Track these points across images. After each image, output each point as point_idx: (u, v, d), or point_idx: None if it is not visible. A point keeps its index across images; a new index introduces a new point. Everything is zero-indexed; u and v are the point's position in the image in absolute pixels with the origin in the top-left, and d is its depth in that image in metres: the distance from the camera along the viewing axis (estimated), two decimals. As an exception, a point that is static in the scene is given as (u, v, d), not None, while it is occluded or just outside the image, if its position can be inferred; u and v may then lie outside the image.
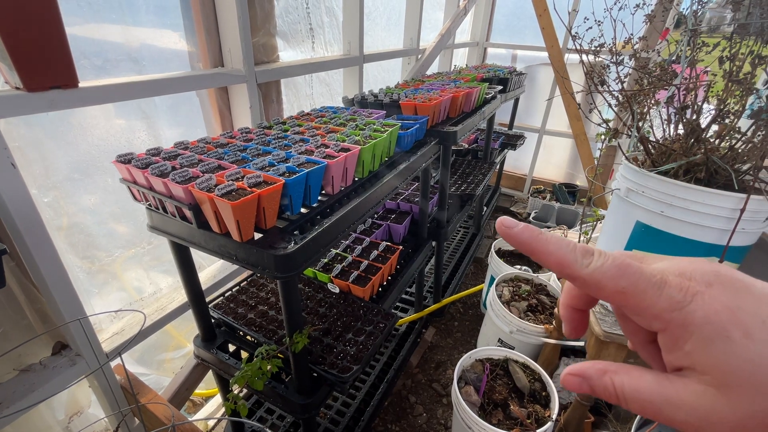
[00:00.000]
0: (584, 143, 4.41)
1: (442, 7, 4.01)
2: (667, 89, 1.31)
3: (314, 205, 1.39)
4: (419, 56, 3.36)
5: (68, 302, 1.31)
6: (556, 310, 2.03)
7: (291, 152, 1.44)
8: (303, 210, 1.36)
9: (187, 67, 1.77)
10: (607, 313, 1.50)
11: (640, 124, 1.27)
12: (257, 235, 1.21)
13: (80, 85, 1.20)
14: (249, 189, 1.15)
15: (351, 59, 2.54)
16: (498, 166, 4.32)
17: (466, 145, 4.03)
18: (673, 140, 1.34)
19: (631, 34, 1.44)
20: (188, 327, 2.18)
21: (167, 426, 0.88)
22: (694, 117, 1.16)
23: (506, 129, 4.65)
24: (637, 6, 1.33)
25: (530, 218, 4.29)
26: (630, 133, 1.42)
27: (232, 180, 1.20)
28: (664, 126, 1.43)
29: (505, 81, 3.51)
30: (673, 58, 1.39)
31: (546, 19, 4.16)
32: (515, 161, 5.30)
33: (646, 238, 1.33)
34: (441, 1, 3.96)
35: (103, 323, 1.61)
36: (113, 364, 1.59)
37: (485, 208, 4.17)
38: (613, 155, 4.46)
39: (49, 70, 1.09)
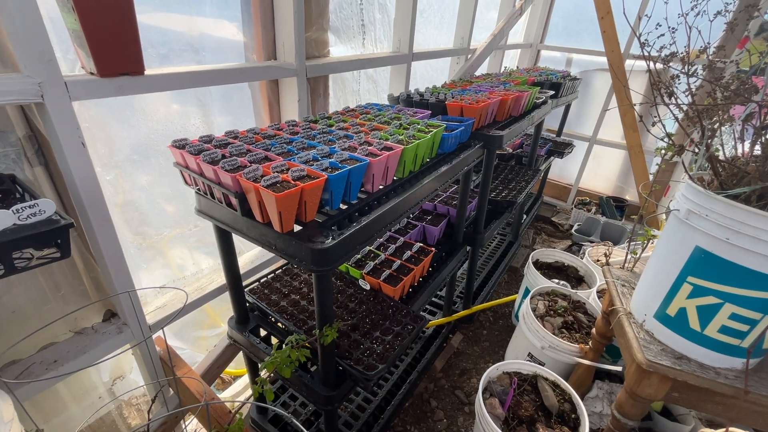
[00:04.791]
0: (639, 156, 4.14)
1: (497, 7, 3.90)
2: (744, 105, 1.20)
3: (353, 202, 1.39)
4: (469, 56, 3.28)
5: (120, 274, 1.41)
6: (593, 330, 1.93)
7: (335, 148, 1.45)
8: (342, 206, 1.38)
9: (242, 58, 1.84)
10: (652, 340, 1.40)
11: (710, 141, 1.17)
12: (296, 228, 1.24)
13: (146, 72, 1.27)
14: (293, 182, 1.17)
15: (400, 57, 2.52)
16: (542, 174, 4.16)
17: (510, 150, 3.91)
18: (746, 161, 1.22)
19: (708, 43, 1.32)
20: (223, 308, 2.28)
21: (201, 404, 0.92)
22: (776, 138, 1.05)
23: (554, 136, 4.46)
24: (718, 13, 1.21)
25: (573, 230, 4.10)
26: (696, 151, 1.31)
27: (277, 172, 1.23)
28: (737, 144, 1.31)
29: (557, 86, 3.36)
30: (755, 70, 1.26)
31: (608, 21, 3.92)
32: (561, 170, 5.07)
33: (705, 265, 1.22)
34: (496, 1, 3.85)
35: (148, 297, 1.71)
36: (154, 335, 1.69)
37: (525, 216, 4.03)
38: (671, 171, 4.16)
39: (120, 58, 1.17)
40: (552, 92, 3.25)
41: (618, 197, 4.62)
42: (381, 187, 1.50)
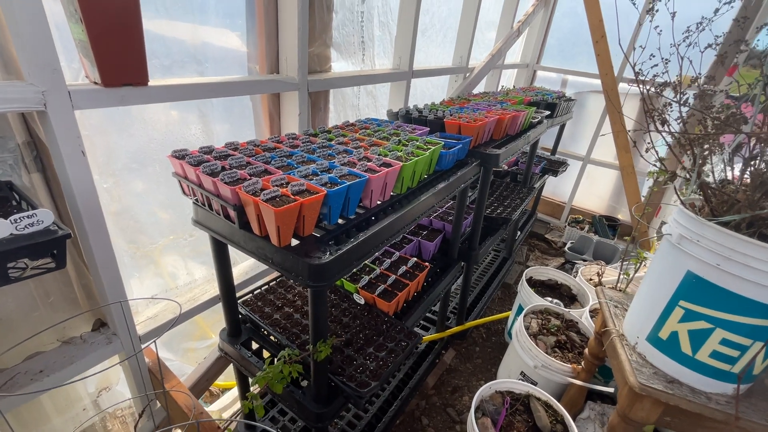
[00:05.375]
0: (631, 176, 4.22)
1: (495, 27, 3.99)
2: (734, 135, 1.23)
3: (351, 217, 1.40)
4: (467, 75, 3.35)
5: (112, 284, 1.39)
6: (586, 350, 1.94)
7: (334, 162, 1.46)
8: (340, 221, 1.38)
9: (244, 70, 1.86)
10: (644, 363, 1.41)
11: (701, 168, 1.20)
12: (294, 242, 1.24)
13: (150, 83, 1.28)
14: (292, 197, 1.18)
15: (400, 74, 2.57)
16: (537, 192, 4.21)
17: (506, 167, 3.96)
18: (736, 188, 1.26)
19: (699, 73, 1.36)
20: (214, 319, 2.25)
21: (191, 422, 0.90)
22: (765, 169, 1.08)
23: (549, 154, 4.53)
24: (709, 45, 1.26)
25: (566, 248, 4.13)
26: (687, 177, 1.34)
27: (276, 186, 1.24)
28: (726, 172, 1.34)
29: (553, 106, 3.42)
30: (745, 99, 1.30)
31: (602, 45, 4.04)
32: (554, 188, 5.14)
33: (696, 290, 1.24)
34: (494, 21, 3.94)
35: (139, 306, 1.69)
36: (144, 346, 1.66)
37: (519, 233, 4.06)
38: (662, 193, 4.24)
39: (125, 69, 1.18)
40: (548, 112, 3.31)
41: (610, 216, 4.68)
42: (379, 202, 1.51)
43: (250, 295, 1.88)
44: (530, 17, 4.21)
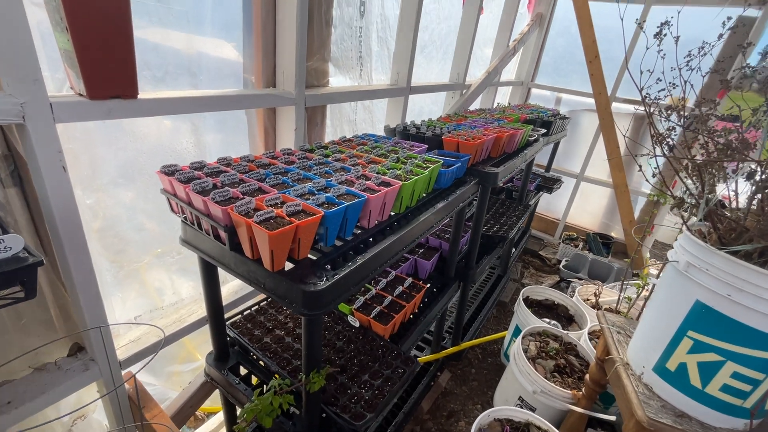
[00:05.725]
0: (625, 195, 4.23)
1: (491, 44, 4.02)
2: (741, 161, 1.21)
3: (348, 238, 1.34)
4: (464, 91, 3.35)
5: (92, 307, 1.30)
6: (587, 376, 1.88)
7: (331, 181, 1.41)
8: (337, 242, 1.32)
9: (240, 83, 1.80)
10: (651, 395, 1.35)
11: (710, 195, 1.17)
12: (287, 264, 1.17)
13: (140, 96, 1.22)
14: (287, 218, 1.12)
15: (398, 90, 2.54)
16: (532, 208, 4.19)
17: (501, 184, 3.94)
18: (744, 215, 1.23)
19: (703, 98, 1.35)
20: (201, 339, 2.15)
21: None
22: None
23: (543, 171, 4.54)
24: (715, 71, 1.25)
25: (561, 266, 4.10)
26: (693, 201, 1.31)
27: (271, 206, 1.17)
28: (732, 198, 1.32)
29: (548, 124, 3.43)
30: (750, 126, 1.29)
31: (596, 65, 4.09)
32: (548, 204, 5.14)
33: (706, 321, 1.20)
34: (491, 38, 3.98)
35: (121, 329, 1.59)
36: (124, 372, 1.56)
37: (514, 250, 4.03)
38: (653, 211, 4.25)
39: (113, 81, 1.12)
40: (543, 130, 3.32)
41: (604, 234, 4.68)
42: (377, 222, 1.45)
43: (240, 316, 1.79)
44: (525, 36, 4.26)
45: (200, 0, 1.52)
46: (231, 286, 1.97)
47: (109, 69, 1.10)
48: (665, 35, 1.21)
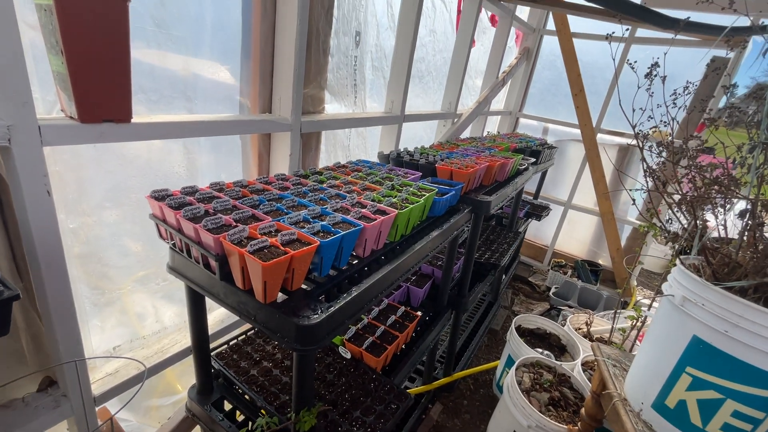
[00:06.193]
0: (611, 223, 4.31)
1: (482, 75, 4.15)
2: (730, 197, 1.24)
3: (343, 268, 1.31)
4: (455, 120, 3.41)
5: (69, 338, 1.22)
6: (582, 411, 1.83)
7: (327, 208, 1.39)
8: (331, 272, 1.28)
9: (235, 108, 1.80)
10: (651, 433, 1.32)
11: (704, 230, 1.19)
12: (280, 295, 1.13)
13: (133, 120, 1.19)
14: (282, 248, 1.08)
15: (392, 117, 2.57)
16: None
17: (493, 212, 3.98)
18: (736, 250, 1.24)
19: (693, 135, 1.39)
20: (181, 369, 2.03)
21: None
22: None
23: (532, 198, 4.61)
24: (701, 110, 1.29)
25: (551, 293, 4.10)
26: (685, 236, 1.33)
27: (265, 235, 1.14)
28: (720, 233, 1.34)
29: (537, 153, 3.51)
30: (736, 164, 1.32)
31: (581, 98, 4.24)
32: (536, 230, 5.20)
33: (704, 357, 1.19)
34: (482, 69, 4.11)
35: (98, 360, 1.50)
36: (98, 407, 1.45)
37: (504, 276, 4.02)
38: (640, 239, 4.33)
39: (107, 105, 1.09)
40: (533, 159, 3.39)
41: (592, 261, 4.73)
42: (373, 250, 1.42)
43: (225, 346, 1.71)
44: (514, 69, 4.42)
45: (200, 26, 1.52)
46: (217, 315, 1.89)
47: (103, 93, 1.07)
48: (656, 75, 1.26)
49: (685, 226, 1.23)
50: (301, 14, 1.62)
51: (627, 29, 3.81)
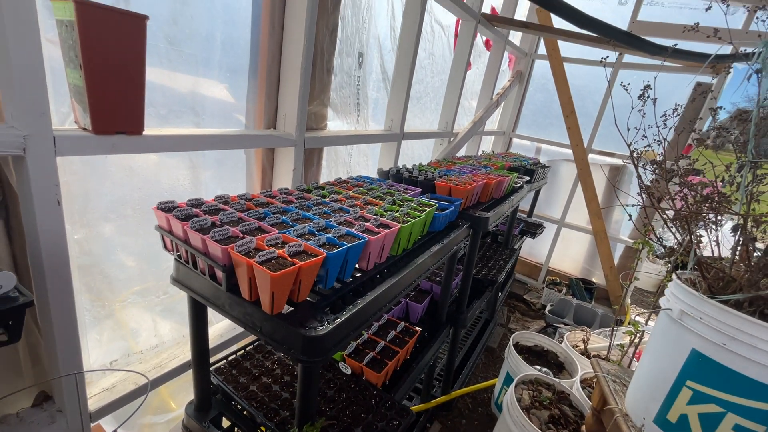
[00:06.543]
0: (604, 241, 4.37)
1: (476, 97, 4.27)
2: (723, 213, 1.28)
3: (348, 280, 1.32)
4: (452, 139, 3.49)
5: (69, 351, 1.20)
6: (583, 428, 1.82)
7: (331, 221, 1.41)
8: (336, 284, 1.29)
9: (241, 123, 1.83)
10: (653, 449, 1.32)
11: (698, 245, 1.23)
12: (286, 307, 1.13)
13: (144, 132, 1.22)
14: (289, 259, 1.09)
15: (391, 135, 2.63)
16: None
17: (491, 228, 4.02)
18: (729, 264, 1.28)
19: (681, 154, 1.45)
20: (177, 385, 1.99)
21: None
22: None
23: (526, 216, 4.68)
24: (692, 131, 1.35)
25: (546, 311, 4.11)
26: (680, 251, 1.37)
27: (272, 246, 1.15)
28: (713, 247, 1.38)
29: (531, 172, 3.59)
30: (726, 183, 1.38)
31: (572, 120, 4.37)
32: (530, 248, 5.25)
33: (704, 370, 1.21)
34: (476, 91, 4.23)
35: (94, 375, 1.47)
36: (93, 423, 1.42)
37: (500, 294, 4.03)
38: (633, 257, 4.39)
39: (120, 117, 1.12)
40: (527, 178, 3.46)
41: (586, 279, 4.77)
42: (376, 264, 1.44)
43: (224, 361, 1.69)
44: (507, 91, 4.55)
45: (210, 45, 1.57)
46: (216, 329, 1.87)
47: (118, 106, 1.10)
48: (648, 97, 1.32)
49: (680, 241, 1.27)
50: (307, 35, 1.68)
51: (614, 54, 3.98)
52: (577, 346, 2.83)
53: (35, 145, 0.99)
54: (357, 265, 1.38)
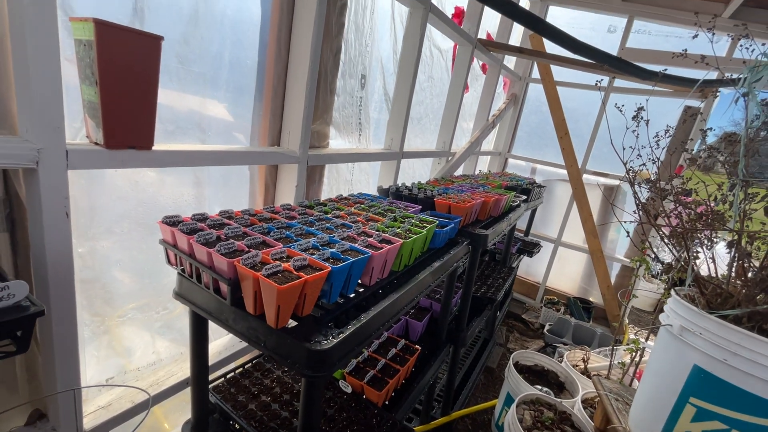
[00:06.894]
0: (600, 260, 4.40)
1: (473, 118, 4.38)
2: (718, 230, 1.32)
3: (351, 296, 1.32)
4: (449, 158, 3.56)
5: (67, 366, 1.19)
6: (586, 449, 1.80)
7: (334, 237, 1.42)
8: (339, 299, 1.30)
9: (245, 141, 1.87)
10: (659, 468, 1.30)
11: (696, 261, 1.25)
12: (290, 322, 1.13)
13: (153, 148, 1.24)
14: (295, 273, 1.10)
15: (391, 154, 2.68)
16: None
17: (490, 246, 4.04)
18: (726, 280, 1.31)
19: (674, 174, 1.49)
20: (171, 404, 1.94)
21: None
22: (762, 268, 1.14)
23: (522, 235, 4.71)
24: (685, 150, 1.40)
25: (545, 331, 4.09)
26: (678, 267, 1.39)
27: (278, 260, 1.16)
28: (709, 264, 1.41)
29: (527, 191, 3.64)
30: (718, 201, 1.42)
31: (566, 141, 4.48)
32: (528, 267, 5.26)
33: (706, 387, 1.21)
34: (473, 113, 4.34)
35: (90, 392, 1.44)
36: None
37: (498, 313, 4.02)
38: (629, 276, 4.42)
39: (132, 133, 1.14)
40: (524, 197, 3.51)
41: (584, 298, 4.77)
42: (378, 280, 1.45)
43: (223, 379, 1.66)
44: (502, 113, 4.68)
45: (218, 64, 1.62)
46: (214, 347, 1.85)
47: (130, 123, 1.13)
48: (642, 119, 1.38)
49: (677, 257, 1.30)
50: (312, 57, 1.74)
51: (603, 79, 4.12)
52: (577, 366, 2.81)
53: (48, 158, 1.00)
54: (360, 281, 1.39)
